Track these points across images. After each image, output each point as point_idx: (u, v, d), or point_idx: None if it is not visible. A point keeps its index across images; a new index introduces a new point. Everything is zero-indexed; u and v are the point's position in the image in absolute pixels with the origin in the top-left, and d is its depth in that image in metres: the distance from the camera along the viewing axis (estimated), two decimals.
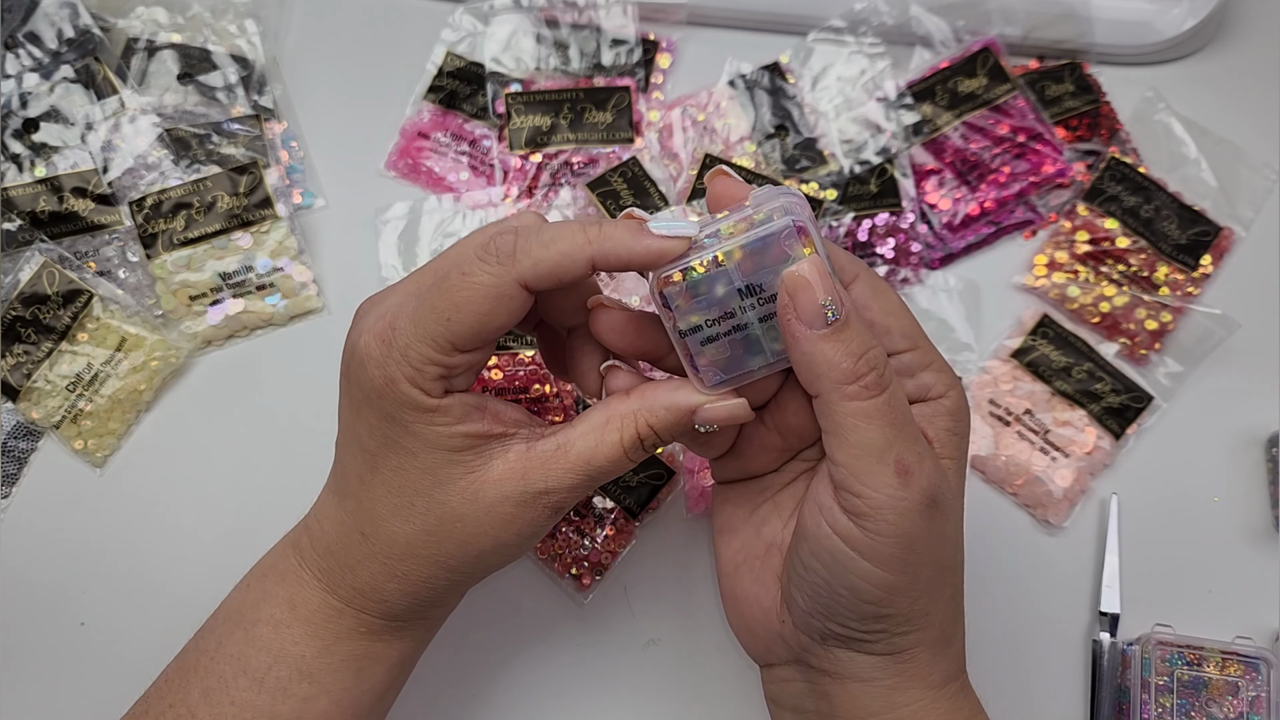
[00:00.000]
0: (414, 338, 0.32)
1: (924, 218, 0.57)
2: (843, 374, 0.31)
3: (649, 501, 0.50)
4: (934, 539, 0.32)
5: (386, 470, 0.34)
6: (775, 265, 0.31)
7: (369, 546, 0.35)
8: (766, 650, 0.38)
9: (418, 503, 0.34)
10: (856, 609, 0.33)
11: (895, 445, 0.31)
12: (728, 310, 0.32)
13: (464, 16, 0.62)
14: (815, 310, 0.30)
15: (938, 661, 0.34)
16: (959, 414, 0.34)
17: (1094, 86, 0.59)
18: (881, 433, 0.31)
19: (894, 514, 0.31)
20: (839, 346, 0.30)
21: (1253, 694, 0.45)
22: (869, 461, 0.31)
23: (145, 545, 0.51)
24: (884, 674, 0.34)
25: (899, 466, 0.30)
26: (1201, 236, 0.55)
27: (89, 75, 0.58)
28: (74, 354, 0.52)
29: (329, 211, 0.58)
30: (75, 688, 0.48)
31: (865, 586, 0.32)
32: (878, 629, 0.33)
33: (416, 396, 0.32)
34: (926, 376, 0.34)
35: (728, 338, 0.33)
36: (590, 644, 0.49)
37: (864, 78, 0.59)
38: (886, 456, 0.31)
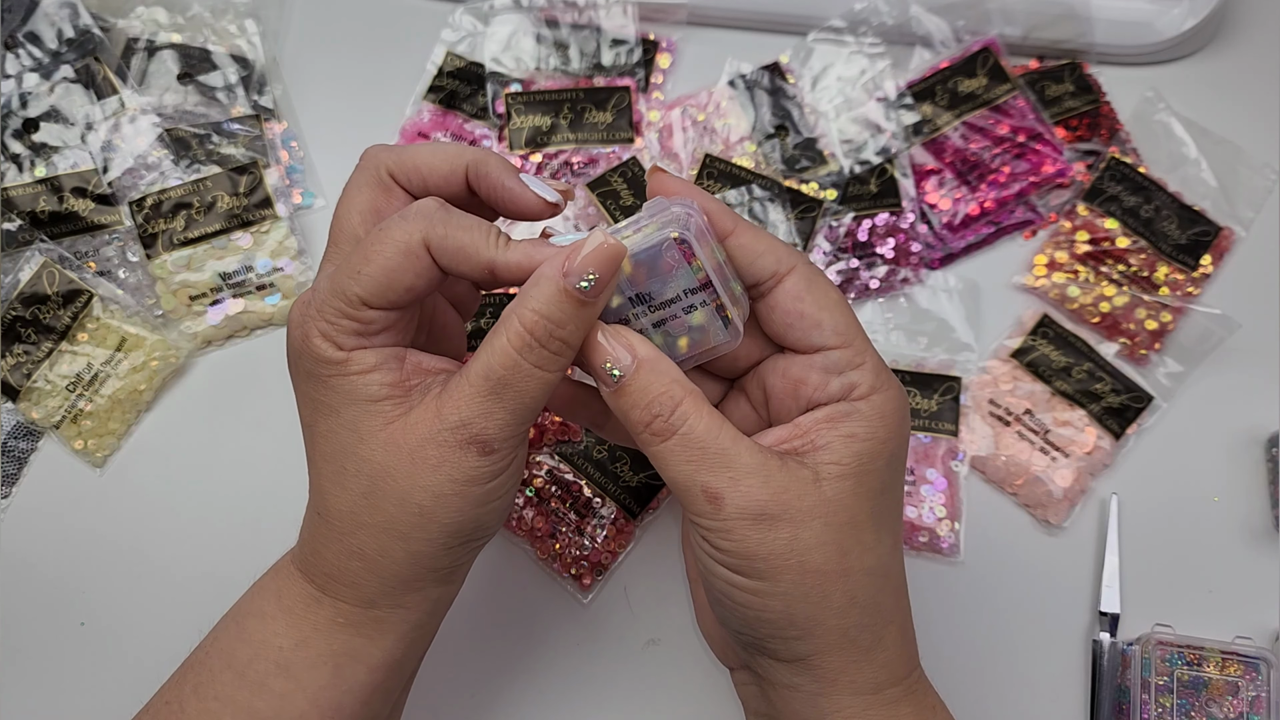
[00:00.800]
0: (328, 294, 0.33)
1: (924, 218, 0.57)
2: (633, 424, 0.33)
3: (649, 501, 0.50)
4: (781, 547, 0.32)
5: (319, 438, 0.34)
6: (665, 275, 0.33)
7: (326, 526, 0.35)
8: (724, 654, 0.40)
9: (348, 465, 0.34)
10: (739, 613, 0.34)
11: (697, 477, 0.32)
12: (622, 318, 0.34)
13: (464, 16, 0.62)
14: (601, 372, 0.33)
15: (860, 669, 0.34)
16: (874, 419, 0.33)
17: (1094, 86, 0.59)
18: (680, 470, 0.32)
19: (718, 534, 0.32)
20: (625, 400, 0.33)
21: (1253, 694, 0.45)
22: (681, 492, 0.33)
23: (145, 545, 0.51)
24: (803, 680, 0.34)
25: (707, 494, 0.32)
26: (1201, 236, 0.55)
27: (89, 75, 0.58)
28: (74, 354, 0.52)
29: (329, 211, 0.58)
30: (75, 688, 0.48)
31: (732, 590, 0.33)
32: (765, 633, 0.34)
33: (327, 350, 0.33)
34: (854, 375, 0.34)
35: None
36: (590, 644, 0.49)
37: (864, 78, 0.59)
38: (693, 488, 0.32)
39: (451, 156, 0.36)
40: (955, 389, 0.52)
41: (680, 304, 0.34)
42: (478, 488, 0.33)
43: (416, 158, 0.36)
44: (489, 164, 0.35)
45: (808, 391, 0.34)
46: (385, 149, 0.36)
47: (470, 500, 0.33)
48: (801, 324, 0.34)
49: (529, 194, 0.35)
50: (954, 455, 0.51)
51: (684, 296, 0.33)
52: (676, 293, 0.33)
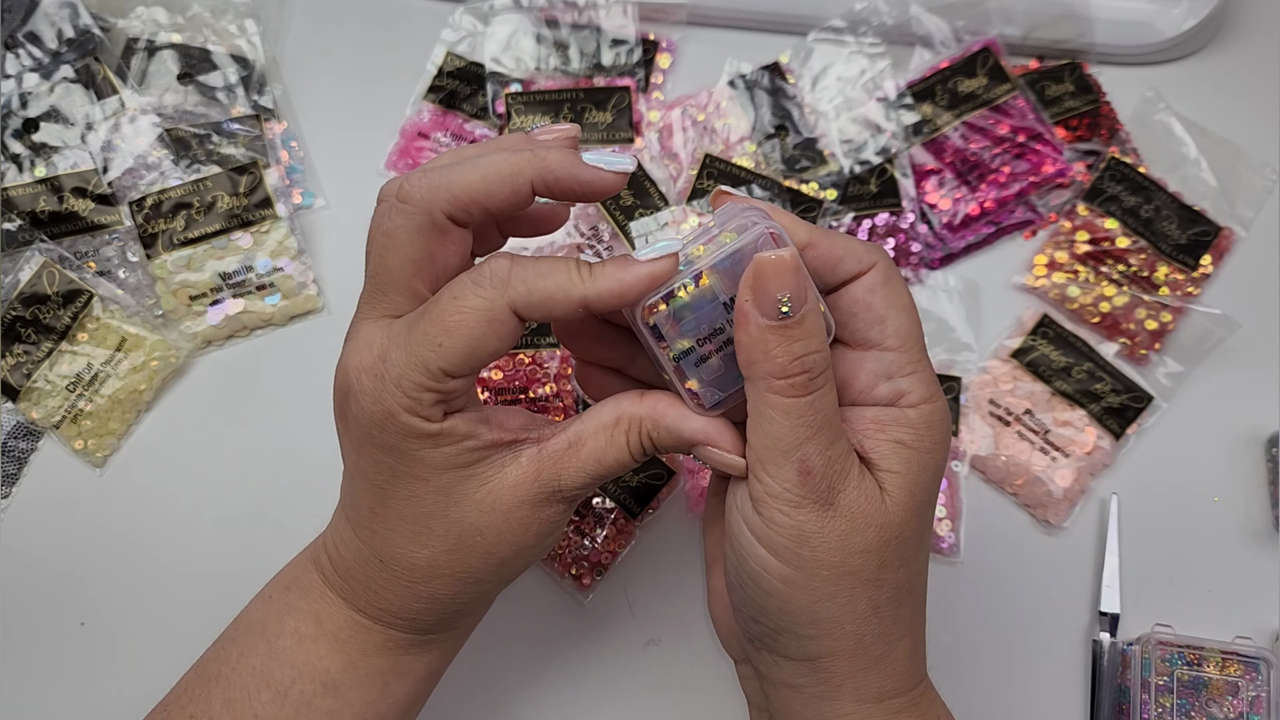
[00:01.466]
0: (406, 366, 0.31)
1: (924, 218, 0.57)
2: (775, 368, 0.31)
3: (649, 501, 0.50)
4: (833, 542, 0.31)
5: (398, 501, 0.33)
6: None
7: (389, 573, 0.34)
8: (732, 646, 0.39)
9: (434, 526, 0.33)
10: (760, 601, 0.33)
11: (804, 446, 0.31)
12: (716, 327, 0.32)
13: (464, 16, 0.62)
14: (770, 301, 0.30)
15: (866, 676, 0.33)
16: (922, 429, 0.33)
17: (1094, 86, 0.59)
18: (794, 431, 0.31)
19: (787, 506, 0.31)
20: (781, 342, 0.30)
21: (1253, 694, 0.45)
22: (775, 453, 0.31)
23: (145, 545, 0.51)
24: (807, 681, 0.34)
25: (802, 466, 0.31)
26: (1201, 236, 0.55)
27: (89, 75, 0.58)
28: (74, 354, 0.52)
29: (329, 211, 0.58)
30: (75, 688, 0.48)
31: (763, 574, 0.32)
32: (782, 626, 0.33)
33: (418, 424, 0.32)
34: (904, 383, 0.33)
35: (719, 354, 0.33)
36: (590, 644, 0.49)
37: (864, 78, 0.59)
38: (792, 454, 0.31)
39: (509, 176, 0.32)
40: (955, 389, 0.52)
41: None
42: (557, 532, 0.35)
43: (472, 189, 0.32)
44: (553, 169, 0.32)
45: (851, 394, 0.34)
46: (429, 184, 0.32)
47: (548, 544, 0.35)
48: (866, 316, 0.33)
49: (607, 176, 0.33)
50: (954, 455, 0.51)
51: None
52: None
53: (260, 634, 0.36)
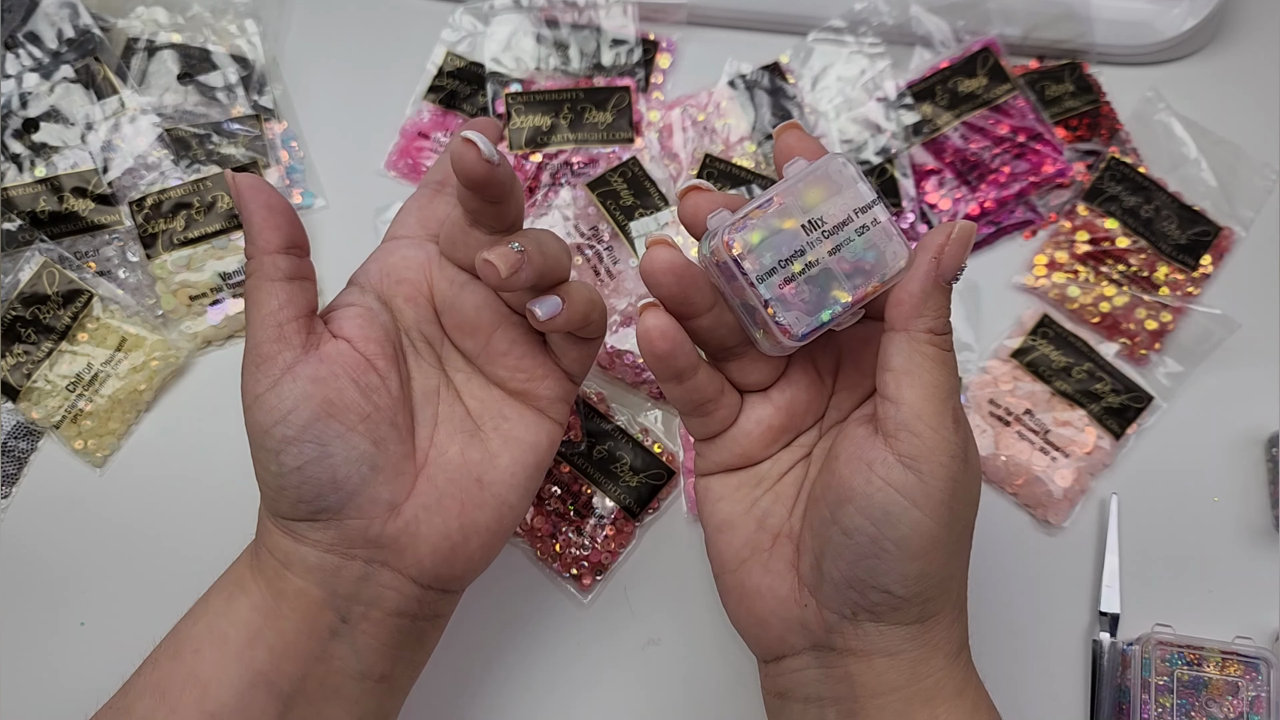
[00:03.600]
0: None
1: (924, 218, 0.57)
2: (934, 323, 0.32)
3: (649, 501, 0.50)
4: (966, 493, 0.33)
5: None
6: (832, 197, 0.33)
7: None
8: (780, 642, 0.37)
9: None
10: (901, 568, 0.33)
11: (953, 397, 0.33)
12: (797, 248, 0.33)
13: (464, 16, 0.62)
14: (955, 266, 0.32)
15: (955, 628, 0.35)
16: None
17: (1094, 86, 0.59)
18: (949, 379, 0.32)
19: (947, 456, 0.32)
20: (944, 301, 0.32)
21: (1253, 694, 0.45)
22: (936, 402, 0.32)
23: (145, 545, 0.51)
24: (911, 645, 0.34)
25: (955, 414, 0.32)
26: (1201, 236, 0.55)
27: (89, 75, 0.58)
28: (74, 354, 0.52)
29: (329, 211, 0.58)
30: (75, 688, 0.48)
31: (913, 538, 0.32)
32: (917, 590, 0.33)
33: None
34: None
35: (803, 276, 0.33)
36: (590, 644, 0.49)
37: (864, 78, 0.59)
38: (950, 401, 0.32)
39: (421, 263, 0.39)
40: None
41: (852, 225, 0.33)
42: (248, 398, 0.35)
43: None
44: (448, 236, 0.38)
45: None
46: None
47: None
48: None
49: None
50: None
51: (855, 217, 0.33)
52: (846, 214, 0.33)
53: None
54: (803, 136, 0.35)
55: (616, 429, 0.51)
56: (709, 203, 0.35)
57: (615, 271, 0.54)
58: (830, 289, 0.33)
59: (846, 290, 0.33)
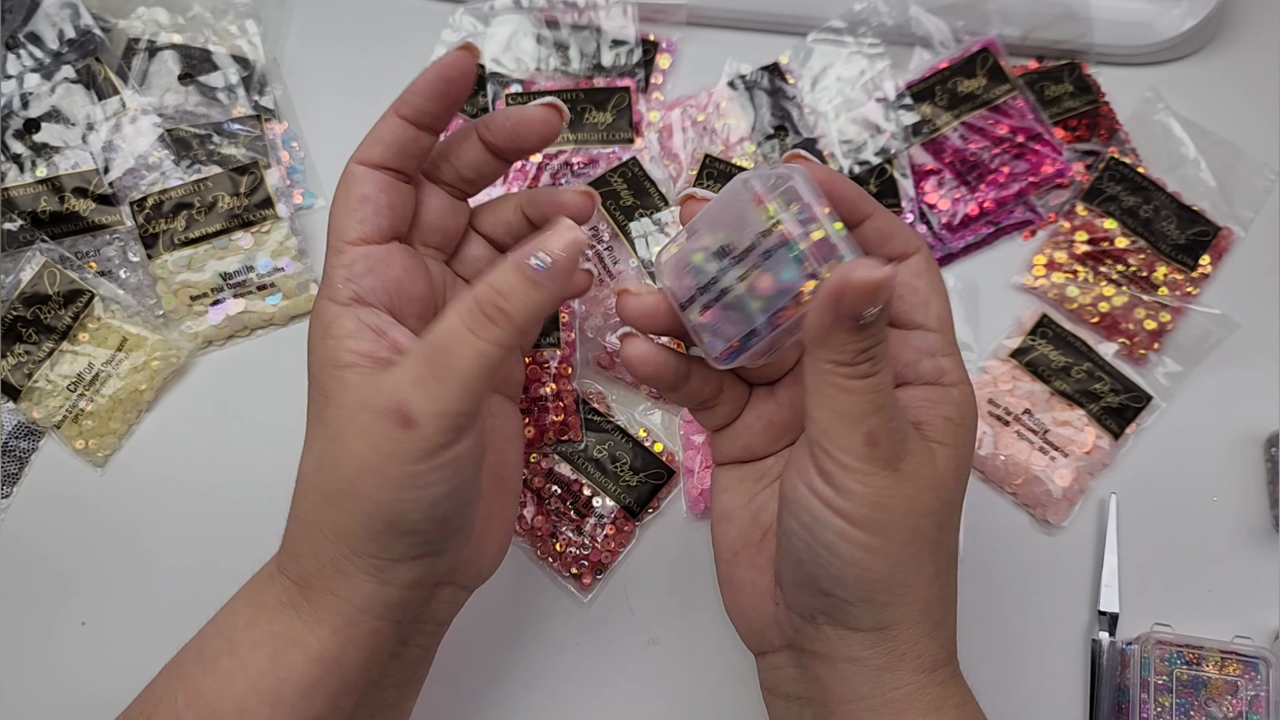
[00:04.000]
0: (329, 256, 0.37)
1: (923, 218, 0.57)
2: (843, 356, 0.31)
3: (649, 501, 0.50)
4: (907, 507, 0.33)
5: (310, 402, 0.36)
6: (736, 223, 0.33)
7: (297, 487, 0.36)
8: (761, 637, 0.38)
9: (315, 427, 0.35)
10: (838, 571, 0.33)
11: (869, 419, 0.32)
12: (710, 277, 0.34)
13: (464, 17, 0.62)
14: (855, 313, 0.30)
15: (926, 643, 0.34)
16: (964, 407, 0.35)
17: (1093, 87, 0.59)
18: (859, 405, 0.32)
19: (861, 474, 0.32)
20: (854, 340, 0.31)
21: (1252, 693, 0.45)
22: (842, 425, 0.32)
23: (145, 545, 0.51)
24: (872, 652, 0.34)
25: (868, 437, 0.32)
26: (1200, 236, 0.55)
27: (90, 76, 0.58)
28: (75, 354, 0.53)
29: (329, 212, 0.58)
30: (75, 688, 0.48)
31: (842, 544, 0.33)
32: (859, 595, 0.33)
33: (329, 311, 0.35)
34: (945, 362, 0.35)
35: (720, 302, 0.34)
36: (590, 644, 0.49)
37: (863, 78, 0.59)
38: (859, 426, 0.32)
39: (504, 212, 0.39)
40: None
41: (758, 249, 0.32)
42: (396, 466, 0.32)
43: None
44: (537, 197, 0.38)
45: (897, 366, 0.35)
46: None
47: (390, 479, 0.32)
48: (913, 298, 0.35)
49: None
50: None
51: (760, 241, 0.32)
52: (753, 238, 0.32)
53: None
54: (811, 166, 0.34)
55: (616, 429, 0.51)
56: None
57: (615, 271, 0.54)
58: (750, 313, 0.33)
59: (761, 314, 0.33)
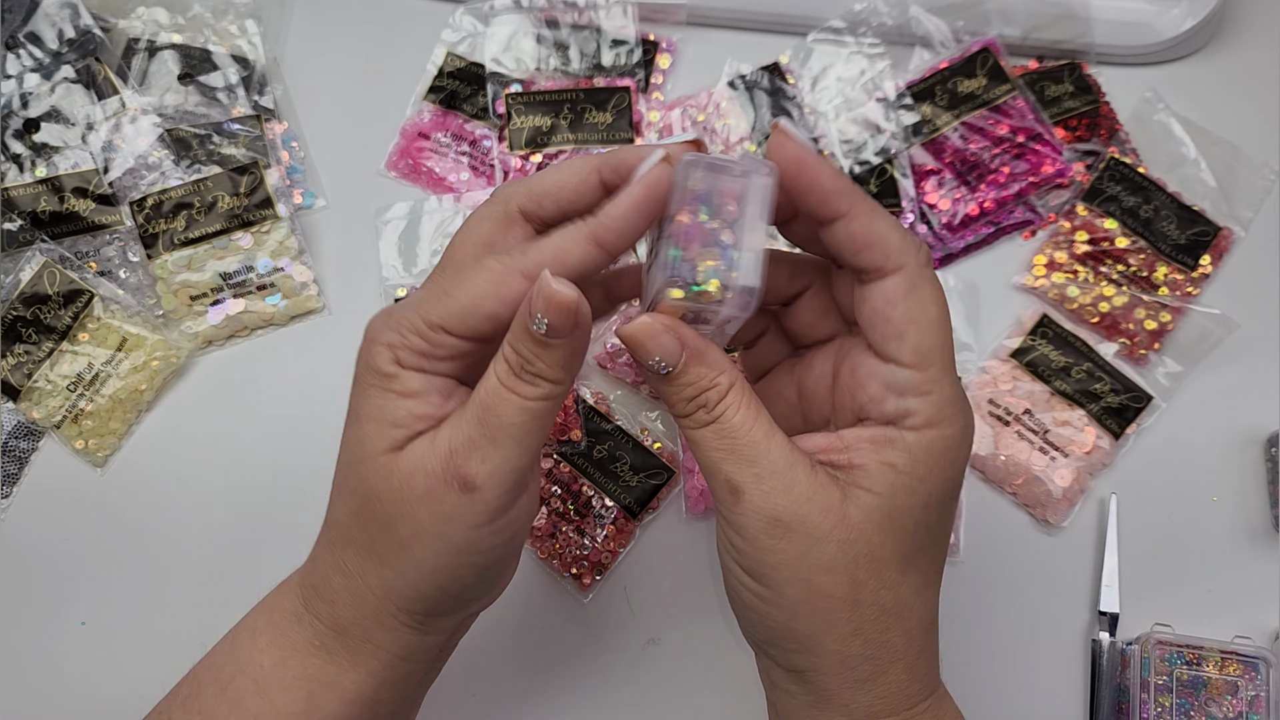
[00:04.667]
0: (411, 307, 0.32)
1: (924, 218, 0.57)
2: (675, 410, 0.33)
3: (649, 501, 0.50)
4: (791, 559, 0.31)
5: (343, 445, 0.33)
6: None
7: (325, 532, 0.34)
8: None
9: (350, 478, 0.33)
10: (744, 614, 0.34)
11: (723, 466, 0.32)
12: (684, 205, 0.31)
13: (464, 17, 0.62)
14: (645, 364, 0.32)
15: (855, 695, 0.32)
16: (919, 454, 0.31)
17: (1093, 87, 0.59)
18: (709, 456, 0.32)
19: (735, 530, 0.32)
20: (671, 390, 0.32)
21: (1252, 693, 0.45)
22: (708, 479, 0.32)
23: (145, 545, 0.51)
24: (798, 689, 0.34)
25: (729, 485, 0.31)
26: (1200, 236, 0.55)
27: (90, 75, 0.58)
28: (75, 354, 0.53)
29: (329, 212, 0.58)
30: (75, 688, 0.48)
31: (741, 590, 0.33)
32: (765, 637, 0.33)
33: (382, 360, 0.32)
34: (914, 403, 0.31)
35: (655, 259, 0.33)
36: (590, 644, 0.49)
37: (864, 78, 0.59)
38: (718, 477, 0.32)
39: (578, 168, 0.33)
40: None
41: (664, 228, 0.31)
42: (458, 531, 0.32)
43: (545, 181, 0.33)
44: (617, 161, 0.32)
45: (861, 398, 0.33)
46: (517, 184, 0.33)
47: (449, 545, 0.32)
48: (884, 329, 0.31)
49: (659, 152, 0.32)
50: None
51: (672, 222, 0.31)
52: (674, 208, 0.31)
53: (233, 630, 0.36)
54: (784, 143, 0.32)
55: (616, 429, 0.51)
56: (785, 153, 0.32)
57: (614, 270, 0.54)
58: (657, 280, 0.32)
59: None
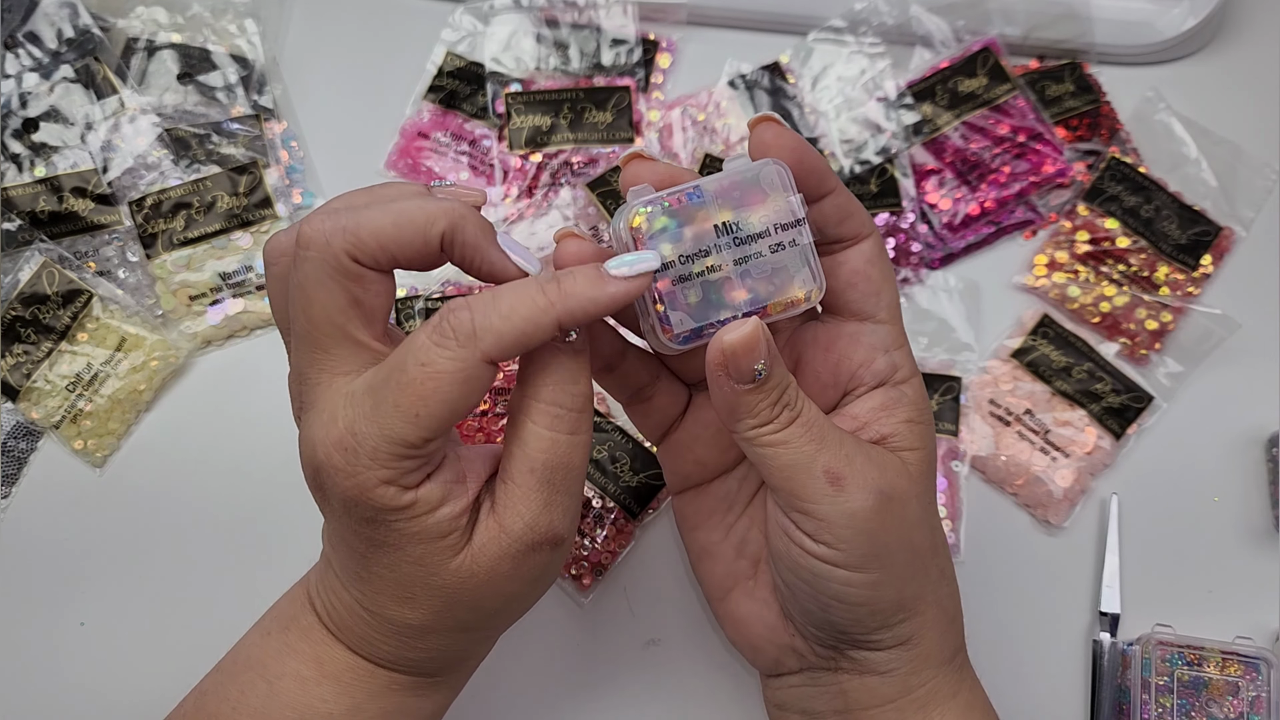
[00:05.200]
0: (380, 440, 0.29)
1: (924, 217, 0.57)
2: (763, 418, 0.31)
3: (649, 501, 0.50)
4: (897, 528, 0.32)
5: (380, 568, 0.32)
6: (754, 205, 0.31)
7: (384, 627, 0.33)
8: (775, 663, 0.37)
9: (418, 593, 0.32)
10: (850, 614, 0.33)
11: (819, 457, 0.31)
12: (702, 248, 0.31)
13: (464, 16, 0.62)
14: (748, 372, 0.30)
15: (945, 637, 0.35)
16: (919, 403, 0.34)
17: (1094, 86, 0.59)
18: (802, 450, 0.31)
19: (843, 518, 0.31)
20: (760, 397, 0.31)
21: (1253, 694, 0.45)
22: (800, 478, 0.31)
23: (144, 545, 0.51)
24: (900, 663, 0.34)
25: (829, 475, 0.31)
26: (1201, 236, 0.55)
27: (89, 75, 0.58)
28: (74, 354, 0.52)
29: None
30: (75, 688, 0.48)
31: (848, 591, 0.32)
32: (876, 624, 0.34)
33: (391, 497, 0.30)
34: (897, 356, 0.34)
35: (700, 279, 0.31)
36: (590, 644, 0.49)
37: (864, 78, 0.59)
38: (814, 469, 0.31)
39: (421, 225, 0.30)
40: (955, 389, 0.52)
41: (768, 240, 0.31)
42: (550, 577, 0.34)
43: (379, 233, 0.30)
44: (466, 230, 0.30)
45: (850, 367, 0.34)
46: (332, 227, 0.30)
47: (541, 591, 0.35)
48: (866, 287, 0.33)
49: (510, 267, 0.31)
50: (954, 455, 0.51)
51: (773, 232, 0.31)
52: (766, 226, 0.31)
53: (260, 674, 0.35)
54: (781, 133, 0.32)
55: (616, 429, 0.51)
56: (650, 174, 0.33)
57: None
58: (724, 299, 0.31)
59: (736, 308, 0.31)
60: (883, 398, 0.34)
